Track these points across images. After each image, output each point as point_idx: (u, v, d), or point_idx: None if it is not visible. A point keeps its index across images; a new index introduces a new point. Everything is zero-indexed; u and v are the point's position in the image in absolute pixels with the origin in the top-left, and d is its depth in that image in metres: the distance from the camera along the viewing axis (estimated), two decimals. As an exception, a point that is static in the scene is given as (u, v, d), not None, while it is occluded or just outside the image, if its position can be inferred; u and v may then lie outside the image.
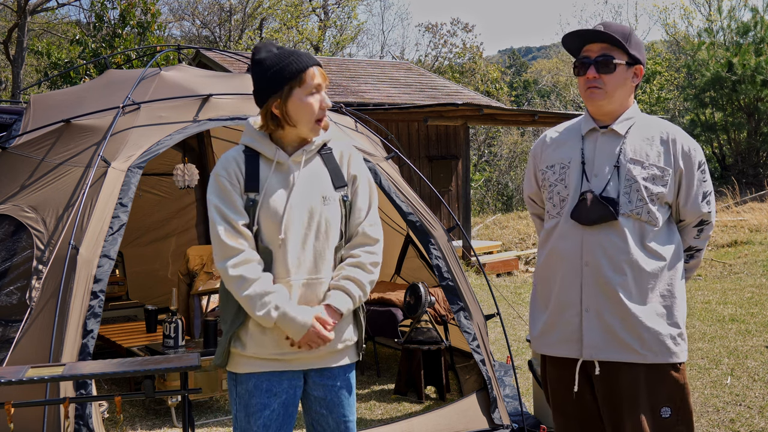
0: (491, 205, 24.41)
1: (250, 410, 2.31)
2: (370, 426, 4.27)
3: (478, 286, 9.47)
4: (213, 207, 2.30)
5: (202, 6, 28.75)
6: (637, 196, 2.44)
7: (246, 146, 2.39)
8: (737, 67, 20.52)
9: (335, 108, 5.22)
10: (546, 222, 2.64)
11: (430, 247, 4.51)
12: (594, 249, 2.45)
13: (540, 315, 2.63)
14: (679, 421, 2.47)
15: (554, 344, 2.56)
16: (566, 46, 2.60)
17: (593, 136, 2.57)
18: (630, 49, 2.49)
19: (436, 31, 30.07)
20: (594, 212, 2.44)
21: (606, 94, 2.49)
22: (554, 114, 12.92)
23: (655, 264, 2.45)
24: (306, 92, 2.33)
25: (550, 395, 2.67)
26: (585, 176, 2.52)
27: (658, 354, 2.44)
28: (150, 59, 11.72)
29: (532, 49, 72.16)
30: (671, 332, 2.46)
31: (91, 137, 3.95)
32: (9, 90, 22.52)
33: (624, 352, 2.44)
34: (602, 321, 2.44)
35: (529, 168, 2.78)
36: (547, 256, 2.59)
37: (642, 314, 2.42)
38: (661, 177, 2.47)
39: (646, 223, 2.45)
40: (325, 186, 2.39)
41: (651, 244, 2.45)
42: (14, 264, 3.54)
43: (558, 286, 2.52)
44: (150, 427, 4.64)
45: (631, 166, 2.47)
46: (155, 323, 5.66)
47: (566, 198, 2.53)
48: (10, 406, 2.48)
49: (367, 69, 15.63)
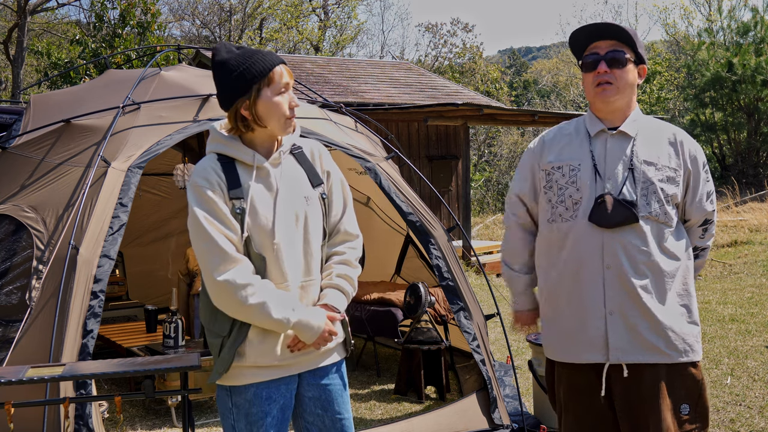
0: (491, 205, 24.42)
1: (252, 419, 2.28)
2: (370, 426, 4.27)
3: (478, 286, 9.47)
4: (202, 218, 2.19)
5: (202, 6, 28.77)
6: (655, 197, 2.44)
7: (218, 153, 2.31)
8: (737, 67, 20.52)
9: (335, 108, 5.23)
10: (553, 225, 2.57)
11: (430, 247, 4.50)
12: (615, 251, 2.43)
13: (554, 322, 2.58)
14: (697, 418, 2.49)
15: (578, 351, 2.51)
16: (572, 43, 2.56)
17: (602, 137, 2.54)
18: (638, 48, 2.49)
19: (436, 31, 30.09)
20: (616, 215, 2.42)
21: (618, 90, 2.46)
22: (554, 114, 12.91)
23: (673, 264, 2.46)
24: (275, 92, 2.26)
25: (563, 400, 2.62)
26: (599, 178, 2.49)
27: (682, 353, 2.45)
28: (150, 59, 11.72)
29: (532, 49, 72.15)
30: (693, 331, 2.48)
31: (91, 137, 3.95)
32: (9, 90, 22.52)
33: (649, 353, 2.43)
34: (627, 323, 2.43)
35: (524, 167, 2.71)
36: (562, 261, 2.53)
37: (665, 314, 2.43)
38: (674, 178, 2.48)
39: (663, 224, 2.46)
40: (304, 186, 2.36)
41: (667, 244, 2.46)
42: (14, 264, 3.53)
43: (579, 289, 2.49)
44: (150, 427, 4.64)
45: (645, 167, 2.46)
46: (155, 323, 5.66)
47: (579, 201, 2.50)
48: (10, 406, 2.48)
49: (367, 69, 15.63)
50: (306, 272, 2.33)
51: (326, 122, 4.69)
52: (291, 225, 2.30)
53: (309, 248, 2.34)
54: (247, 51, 2.29)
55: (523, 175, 2.71)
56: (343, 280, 2.38)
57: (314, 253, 2.35)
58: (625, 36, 2.46)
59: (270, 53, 2.30)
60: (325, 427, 2.39)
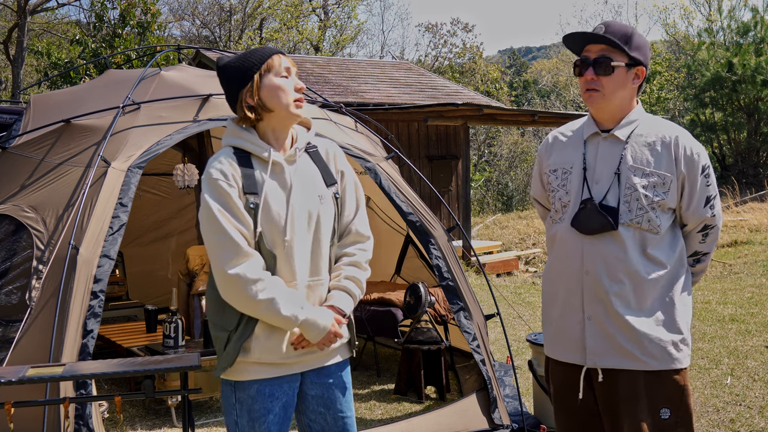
0: (491, 205, 24.43)
1: (254, 415, 2.29)
2: (370, 426, 4.28)
3: (478, 286, 9.47)
4: (216, 211, 2.20)
5: (202, 6, 28.78)
6: (637, 204, 2.41)
7: (234, 147, 2.34)
8: (737, 67, 20.53)
9: (335, 108, 5.23)
10: (550, 227, 2.63)
11: (430, 247, 4.50)
12: (594, 258, 2.43)
13: (548, 319, 2.62)
14: (679, 423, 2.46)
15: (561, 350, 2.55)
16: (568, 45, 2.57)
17: (595, 140, 2.53)
18: (630, 51, 2.44)
19: (436, 31, 30.10)
20: (593, 222, 2.43)
21: (604, 97, 2.45)
22: (554, 114, 12.92)
23: (656, 272, 2.42)
24: (276, 75, 2.31)
25: (553, 396, 2.67)
26: (586, 183, 2.48)
27: (660, 360, 2.42)
28: (150, 59, 11.72)
29: (532, 49, 72.17)
30: (673, 338, 2.43)
31: (91, 137, 3.95)
32: (9, 90, 22.53)
33: (625, 359, 2.42)
34: (603, 329, 2.43)
35: (535, 169, 2.74)
36: (551, 262, 2.59)
37: (641, 322, 2.40)
38: (663, 184, 2.42)
39: (646, 232, 2.42)
40: (318, 184, 2.37)
41: (652, 251, 2.42)
42: (14, 264, 3.53)
43: (562, 293, 2.52)
44: (150, 427, 4.64)
45: (631, 174, 2.43)
46: (155, 323, 5.66)
47: (567, 204, 2.51)
48: (10, 406, 2.48)
49: (367, 69, 15.63)
50: (314, 272, 2.34)
51: (326, 122, 4.69)
52: (303, 223, 2.30)
53: (319, 248, 2.34)
54: (246, 52, 2.35)
55: (534, 178, 2.75)
56: (351, 283, 2.38)
57: (323, 254, 2.36)
58: (613, 42, 2.42)
59: (269, 47, 2.35)
60: (328, 426, 2.40)
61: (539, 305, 8.93)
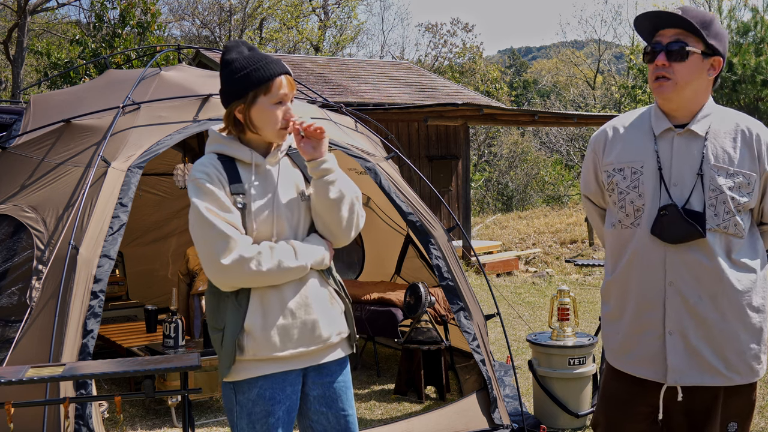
0: (491, 205, 24.44)
1: (254, 417, 2.29)
2: (370, 426, 4.27)
3: (478, 286, 9.47)
4: (203, 209, 2.20)
5: (202, 6, 28.78)
6: (724, 208, 2.21)
7: (217, 153, 2.33)
8: (737, 67, 20.53)
9: (335, 108, 5.23)
10: (614, 229, 2.39)
11: (430, 247, 4.51)
12: (678, 268, 2.23)
13: (614, 330, 2.41)
14: None
15: (632, 365, 2.35)
16: (638, 29, 2.32)
17: (668, 136, 2.29)
18: (708, 38, 2.22)
19: (436, 31, 30.11)
20: (679, 229, 2.20)
21: (675, 86, 2.23)
22: (554, 114, 12.92)
23: (747, 278, 2.25)
24: (271, 101, 2.27)
25: (606, 401, 2.46)
26: (664, 185, 2.26)
27: (744, 375, 2.28)
28: (150, 59, 11.72)
29: (532, 49, 72.16)
30: (755, 350, 2.27)
31: (91, 137, 3.95)
32: (9, 90, 22.53)
33: (708, 375, 2.25)
34: (687, 344, 2.24)
35: (587, 164, 2.49)
36: (622, 270, 2.35)
37: (728, 335, 2.24)
38: (747, 184, 2.23)
39: (732, 236, 2.23)
40: (300, 184, 2.40)
41: (737, 257, 2.25)
42: (14, 264, 3.54)
43: (634, 304, 2.32)
44: (150, 427, 4.64)
45: (715, 174, 2.22)
46: (155, 323, 5.66)
47: (641, 209, 2.28)
48: (10, 406, 2.48)
49: (367, 69, 15.63)
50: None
51: (326, 122, 4.69)
52: (289, 221, 2.33)
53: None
54: (255, 56, 2.30)
55: (586, 174, 2.51)
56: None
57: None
58: (691, 26, 2.20)
59: (277, 62, 2.30)
60: (330, 424, 2.40)
61: (539, 305, 8.93)
